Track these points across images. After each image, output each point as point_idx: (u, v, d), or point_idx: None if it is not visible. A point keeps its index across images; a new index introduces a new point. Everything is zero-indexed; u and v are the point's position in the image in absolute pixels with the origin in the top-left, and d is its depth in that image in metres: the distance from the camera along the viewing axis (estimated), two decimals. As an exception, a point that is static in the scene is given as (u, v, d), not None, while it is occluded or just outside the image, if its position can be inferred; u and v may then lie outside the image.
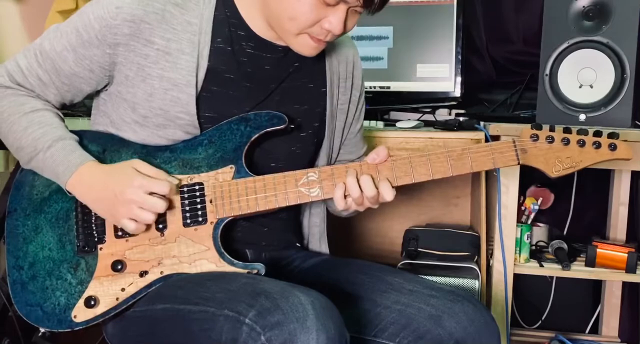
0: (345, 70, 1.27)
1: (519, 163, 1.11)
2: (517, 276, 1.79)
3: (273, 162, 1.18)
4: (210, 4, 1.12)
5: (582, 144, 1.11)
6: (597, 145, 1.11)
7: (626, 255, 1.70)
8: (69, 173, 1.06)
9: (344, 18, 1.04)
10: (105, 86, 1.14)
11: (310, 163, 1.25)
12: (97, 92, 1.17)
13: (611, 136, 1.11)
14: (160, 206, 1.04)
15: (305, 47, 1.09)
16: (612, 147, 1.10)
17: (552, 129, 1.12)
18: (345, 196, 1.09)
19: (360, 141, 1.37)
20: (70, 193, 1.09)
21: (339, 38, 1.26)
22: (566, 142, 1.11)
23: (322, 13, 1.03)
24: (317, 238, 1.33)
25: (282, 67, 1.18)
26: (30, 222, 1.12)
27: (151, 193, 1.04)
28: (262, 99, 1.15)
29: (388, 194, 1.09)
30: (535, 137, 1.11)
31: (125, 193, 1.03)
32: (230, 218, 1.10)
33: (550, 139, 1.11)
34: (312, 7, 1.02)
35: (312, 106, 1.22)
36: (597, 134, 1.11)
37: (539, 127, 1.12)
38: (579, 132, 1.12)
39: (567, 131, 1.12)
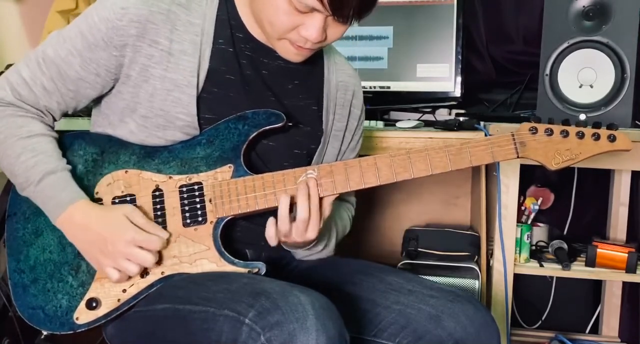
0: (344, 98, 1.26)
1: (518, 156, 1.10)
2: (517, 276, 1.78)
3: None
4: (213, 4, 1.12)
5: (581, 136, 1.10)
6: (596, 136, 1.10)
7: (626, 255, 1.70)
8: (59, 211, 1.05)
9: (321, 26, 1.03)
10: (110, 90, 1.13)
11: None
12: (98, 94, 1.16)
13: (610, 127, 1.11)
14: (149, 261, 1.04)
15: (288, 52, 1.10)
16: (611, 138, 1.10)
17: (550, 122, 1.12)
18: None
19: None
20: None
21: (342, 66, 1.27)
22: (565, 134, 1.11)
23: (298, 20, 1.03)
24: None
25: (281, 79, 1.18)
26: (30, 226, 1.11)
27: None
28: (263, 105, 1.14)
29: (313, 228, 1.07)
30: (534, 130, 1.11)
31: (116, 245, 1.02)
32: (229, 217, 1.10)
33: (549, 132, 1.11)
34: (287, 14, 1.02)
35: (314, 128, 1.22)
36: (596, 125, 1.11)
37: (538, 120, 1.12)
38: (577, 124, 1.11)
39: (565, 123, 1.12)
